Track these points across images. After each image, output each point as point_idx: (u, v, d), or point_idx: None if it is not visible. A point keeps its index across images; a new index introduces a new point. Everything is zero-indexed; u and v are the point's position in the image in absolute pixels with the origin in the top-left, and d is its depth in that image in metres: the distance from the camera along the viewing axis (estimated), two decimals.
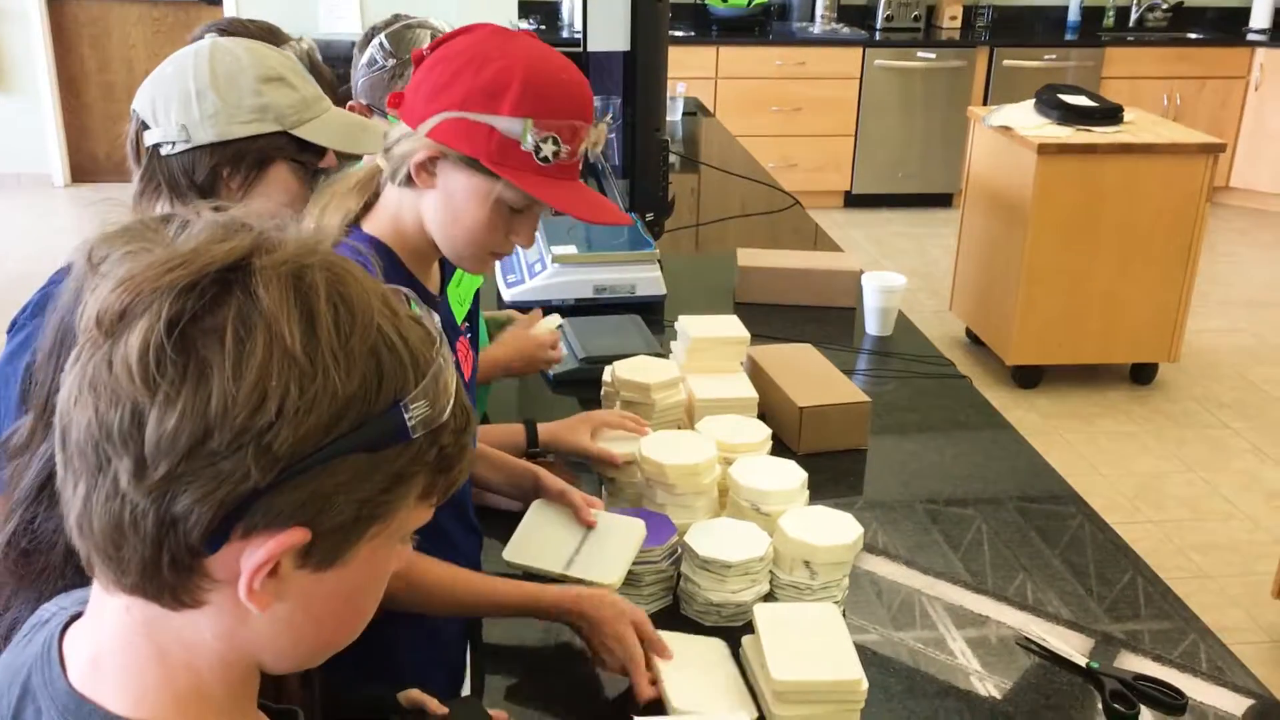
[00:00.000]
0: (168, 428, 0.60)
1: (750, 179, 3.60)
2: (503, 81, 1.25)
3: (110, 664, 0.68)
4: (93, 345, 0.63)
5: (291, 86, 1.39)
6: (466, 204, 1.31)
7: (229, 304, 0.62)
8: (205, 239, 0.65)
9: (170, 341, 0.60)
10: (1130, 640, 1.54)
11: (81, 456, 0.63)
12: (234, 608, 0.65)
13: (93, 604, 0.71)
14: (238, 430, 0.60)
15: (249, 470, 0.61)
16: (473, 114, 1.25)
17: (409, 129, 1.30)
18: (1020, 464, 1.99)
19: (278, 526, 0.63)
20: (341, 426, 0.62)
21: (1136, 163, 4.14)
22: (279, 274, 0.63)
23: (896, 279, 2.46)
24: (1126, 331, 4.38)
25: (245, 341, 0.61)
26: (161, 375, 0.60)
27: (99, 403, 0.61)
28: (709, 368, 2.02)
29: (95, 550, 0.64)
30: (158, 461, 0.60)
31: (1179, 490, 3.84)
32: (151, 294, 0.61)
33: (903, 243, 6.21)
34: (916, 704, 1.41)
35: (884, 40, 6.50)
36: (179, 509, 0.61)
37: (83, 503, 0.63)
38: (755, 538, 1.54)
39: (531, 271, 2.51)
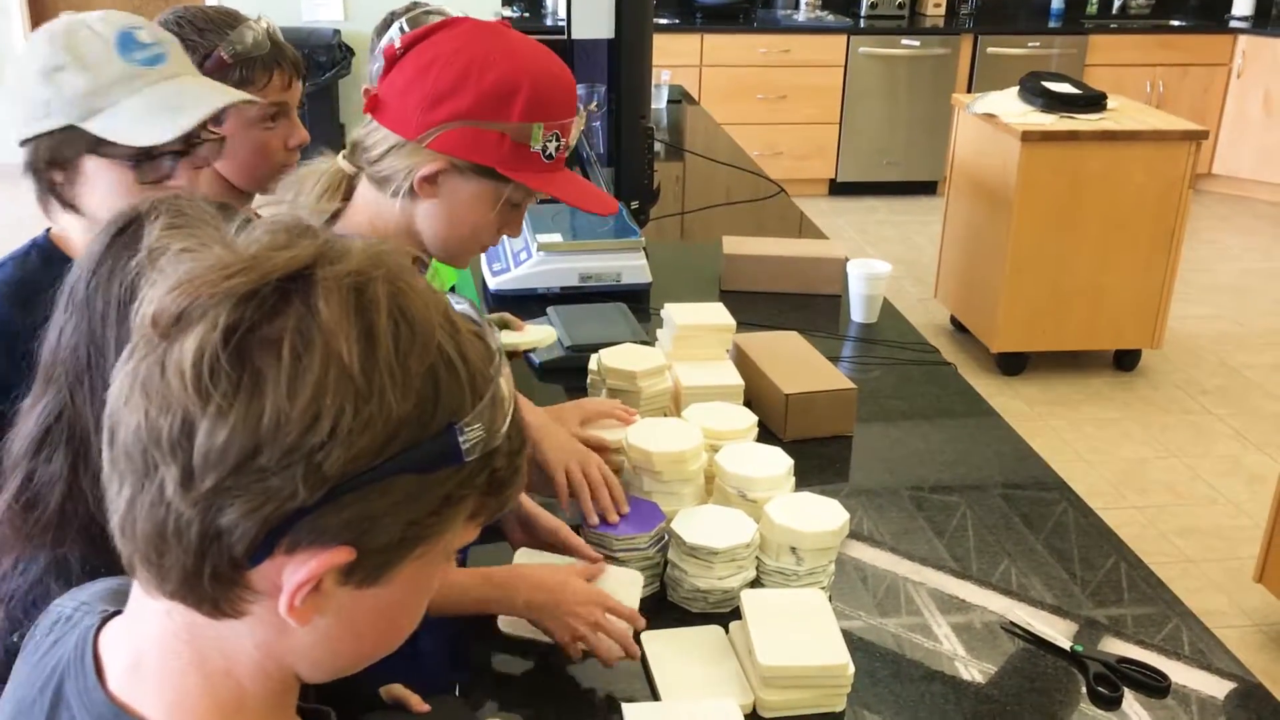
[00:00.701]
0: (218, 440, 0.58)
1: (735, 167, 3.60)
2: (511, 86, 1.23)
3: (150, 669, 0.67)
4: (147, 345, 0.61)
5: (81, 72, 1.30)
6: (471, 209, 1.29)
7: (288, 315, 0.60)
8: (267, 243, 0.63)
9: (226, 351, 0.59)
10: (1114, 625, 1.55)
11: (128, 459, 0.61)
12: (274, 619, 0.64)
13: (133, 605, 0.70)
14: (288, 448, 0.59)
15: (297, 488, 0.59)
16: (482, 122, 1.23)
17: (400, 139, 1.25)
18: (1005, 450, 2.00)
19: (323, 544, 0.61)
20: (393, 447, 0.61)
21: (1119, 150, 4.16)
22: (340, 286, 0.61)
23: (882, 266, 2.46)
24: (1110, 318, 4.40)
25: (302, 357, 0.59)
26: (215, 386, 0.58)
27: (149, 407, 0.60)
28: (695, 355, 2.02)
29: (137, 554, 0.63)
30: (205, 473, 0.59)
31: (1162, 475, 3.87)
32: (210, 299, 0.60)
33: (887, 230, 6.22)
34: (902, 688, 1.42)
35: (868, 28, 6.50)
36: (224, 522, 0.60)
37: (127, 505, 0.62)
38: (742, 524, 1.54)
39: (517, 260, 2.51)
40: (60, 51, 1.31)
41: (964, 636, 1.52)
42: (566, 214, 2.68)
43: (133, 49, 1.33)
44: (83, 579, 0.95)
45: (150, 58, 1.34)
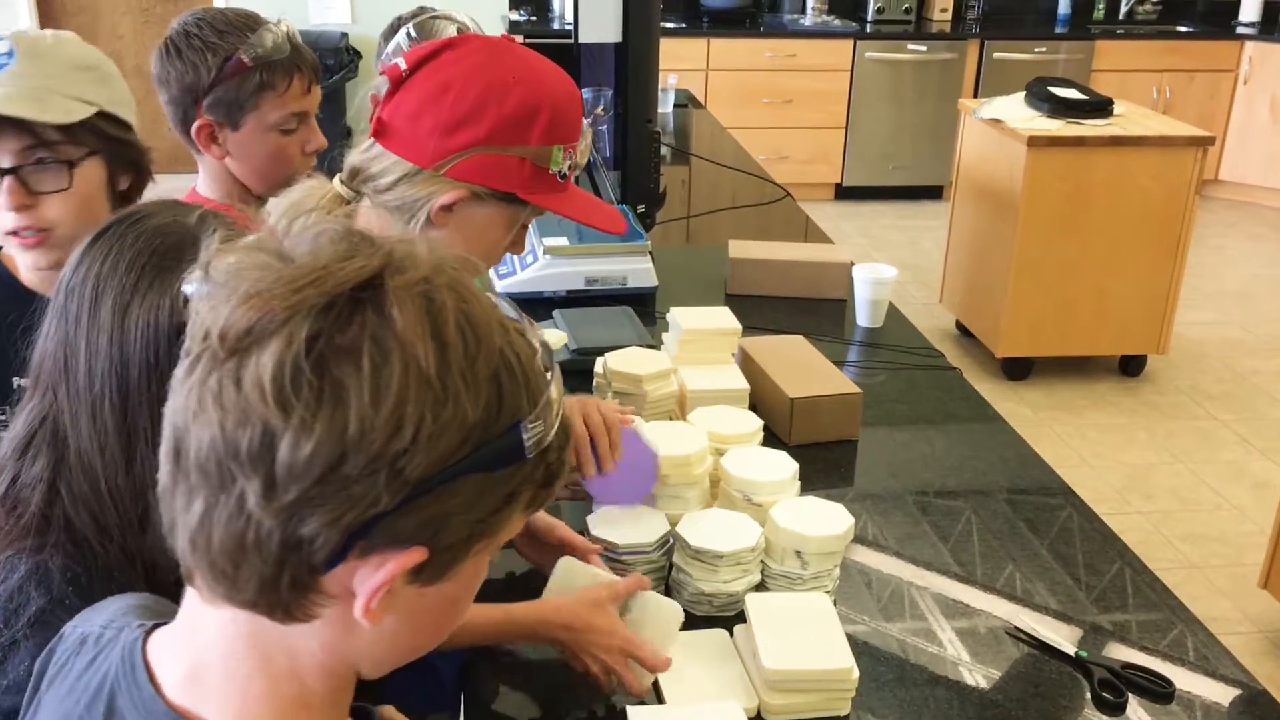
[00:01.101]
0: (302, 452, 0.59)
1: (741, 171, 3.60)
2: (531, 109, 1.21)
3: (213, 676, 0.67)
4: (212, 360, 0.61)
5: None
6: (485, 233, 1.26)
7: (364, 325, 0.60)
8: (332, 254, 0.63)
9: (306, 363, 0.59)
10: (1118, 630, 1.55)
11: (201, 473, 0.61)
12: (342, 621, 0.65)
13: (186, 615, 0.70)
14: (373, 456, 0.59)
15: (380, 495, 0.60)
16: (503, 147, 1.20)
17: (413, 166, 1.21)
18: (1009, 455, 2.00)
19: (397, 547, 0.62)
20: (465, 449, 0.62)
21: (1126, 155, 4.15)
22: (411, 295, 0.62)
23: (887, 271, 2.47)
24: (1115, 324, 4.40)
25: (382, 366, 0.60)
26: (297, 398, 0.59)
27: (225, 420, 0.59)
28: (700, 359, 2.02)
29: (208, 566, 0.63)
30: (289, 484, 0.59)
31: (1167, 481, 3.86)
32: (284, 312, 0.60)
33: (893, 235, 6.22)
34: (907, 693, 1.42)
35: (875, 32, 6.50)
36: (305, 531, 0.60)
37: (199, 520, 0.62)
38: (747, 528, 1.54)
39: (523, 263, 2.51)
40: None
41: (968, 641, 1.52)
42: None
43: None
44: (63, 587, 0.96)
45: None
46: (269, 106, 1.69)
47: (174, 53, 1.68)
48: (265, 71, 1.68)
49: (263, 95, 1.68)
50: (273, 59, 1.68)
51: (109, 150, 1.38)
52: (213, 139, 1.71)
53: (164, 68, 1.69)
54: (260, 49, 1.67)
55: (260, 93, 1.68)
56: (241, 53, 1.66)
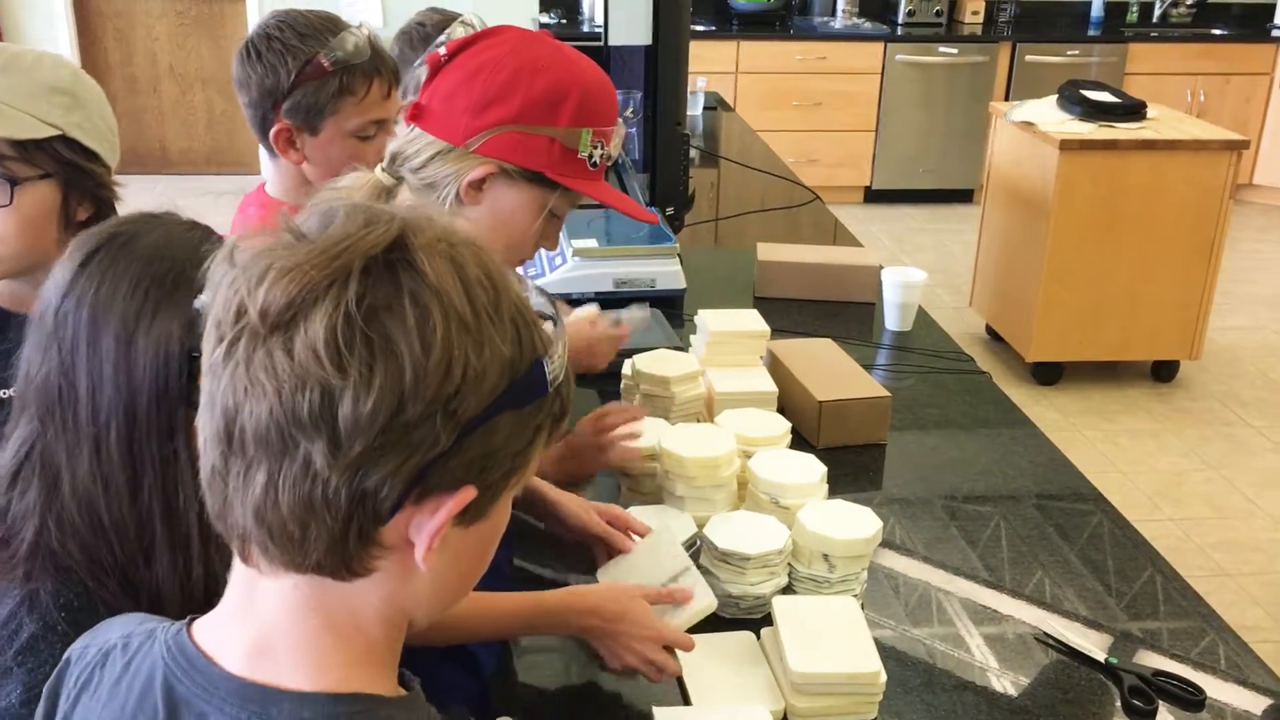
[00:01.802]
0: (365, 406, 0.62)
1: (770, 174, 3.60)
2: (560, 91, 1.24)
3: (282, 644, 0.70)
4: (253, 337, 0.63)
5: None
6: (515, 216, 1.29)
7: (400, 281, 0.64)
8: (350, 226, 0.66)
9: (356, 324, 0.62)
10: (1149, 638, 1.54)
11: (261, 444, 0.64)
12: (399, 570, 0.69)
13: (239, 594, 0.72)
14: (429, 400, 0.63)
15: (439, 436, 0.64)
16: (532, 126, 1.23)
17: (446, 144, 1.25)
18: (1040, 461, 1.99)
19: (448, 489, 0.66)
20: (502, 386, 0.67)
21: (1159, 159, 4.12)
22: (436, 250, 0.66)
23: (917, 274, 2.46)
24: (1148, 329, 4.36)
25: (425, 316, 0.64)
26: (352, 356, 0.62)
27: (282, 389, 0.62)
28: (729, 361, 2.02)
29: (275, 534, 0.66)
30: (354, 439, 0.63)
31: (1199, 488, 3.82)
32: (324, 280, 0.63)
33: (922, 238, 6.19)
34: (935, 698, 1.41)
35: (905, 35, 6.48)
36: (370, 483, 0.64)
37: (264, 490, 0.64)
38: (774, 531, 1.54)
39: (552, 265, 2.52)
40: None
41: (996, 647, 1.51)
42: (602, 220, 2.69)
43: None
44: (54, 613, 0.94)
45: None
46: (348, 112, 1.66)
47: (254, 55, 1.65)
48: (345, 76, 1.64)
49: (342, 100, 1.64)
50: (352, 63, 1.65)
51: (65, 175, 1.32)
52: (290, 143, 1.68)
53: (244, 71, 1.66)
54: (340, 52, 1.64)
55: (339, 98, 1.64)
56: (321, 56, 1.62)
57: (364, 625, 0.71)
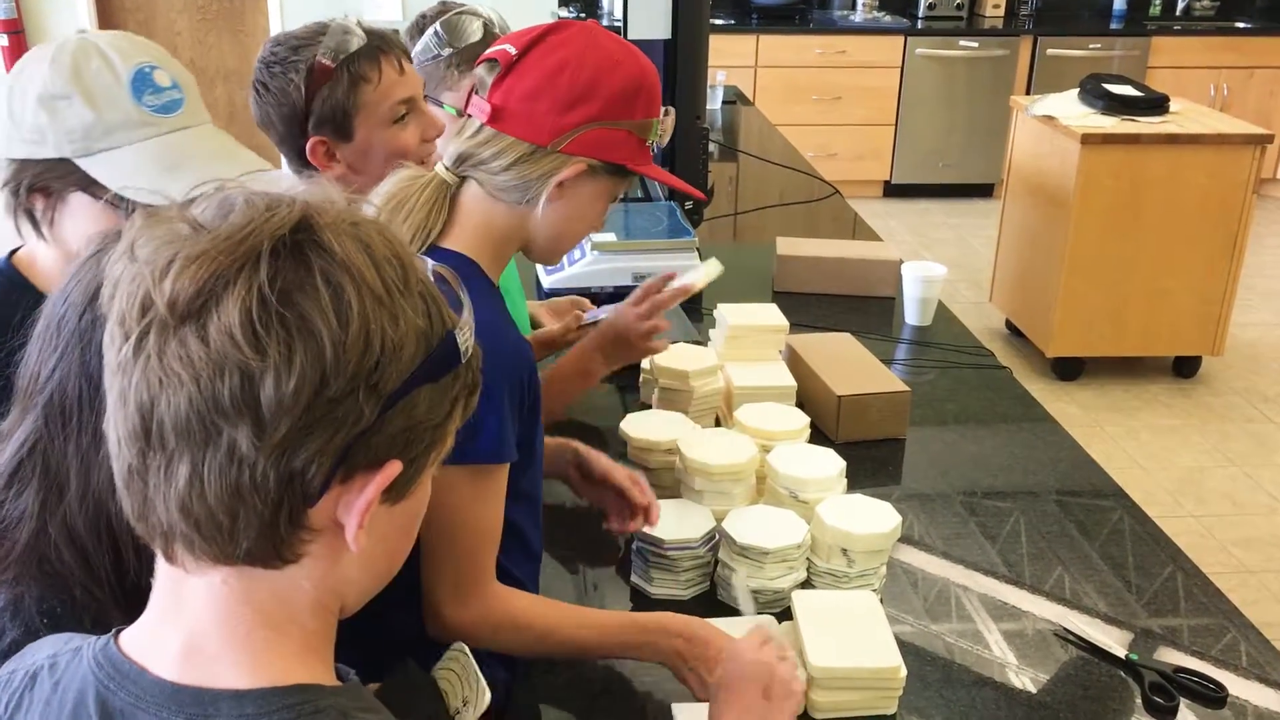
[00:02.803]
0: (287, 386, 0.62)
1: (789, 168, 3.59)
2: (634, 84, 1.27)
3: (213, 643, 0.69)
4: (163, 329, 0.63)
5: (88, 107, 1.20)
6: (590, 206, 1.32)
7: (309, 261, 0.64)
8: (251, 213, 0.66)
9: (270, 305, 0.62)
10: (1170, 635, 1.53)
11: (182, 435, 0.63)
12: (328, 553, 0.69)
13: (164, 597, 0.71)
14: (351, 374, 0.64)
15: (362, 411, 0.65)
16: (614, 121, 1.27)
17: (531, 145, 1.26)
18: (1060, 456, 1.98)
19: (373, 465, 0.67)
20: (419, 358, 0.67)
21: (1182, 153, 4.09)
22: (342, 228, 0.67)
23: (937, 269, 2.45)
24: (1169, 324, 4.33)
25: (340, 292, 0.64)
26: (270, 337, 0.62)
27: (199, 378, 0.62)
28: (747, 356, 2.02)
29: (203, 526, 0.65)
30: (279, 420, 0.63)
31: (1221, 485, 3.80)
32: (232, 265, 0.63)
33: (942, 233, 6.17)
34: (954, 693, 1.41)
35: (926, 29, 6.45)
36: (298, 463, 0.64)
37: (188, 481, 0.64)
38: (793, 525, 1.54)
39: (570, 259, 2.52)
40: (67, 80, 1.20)
41: (1016, 643, 1.51)
42: (620, 214, 2.69)
43: (147, 90, 1.23)
44: (36, 619, 0.91)
45: (165, 105, 1.24)
46: (373, 102, 1.61)
47: (263, 90, 1.61)
48: (351, 66, 1.60)
49: (360, 90, 1.60)
50: (351, 50, 1.61)
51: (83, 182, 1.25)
52: (330, 156, 1.63)
53: (261, 109, 1.63)
54: (336, 47, 1.60)
55: (355, 88, 1.60)
56: (320, 57, 1.58)
57: (297, 614, 0.70)
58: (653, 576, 1.55)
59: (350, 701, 0.71)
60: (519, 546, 1.39)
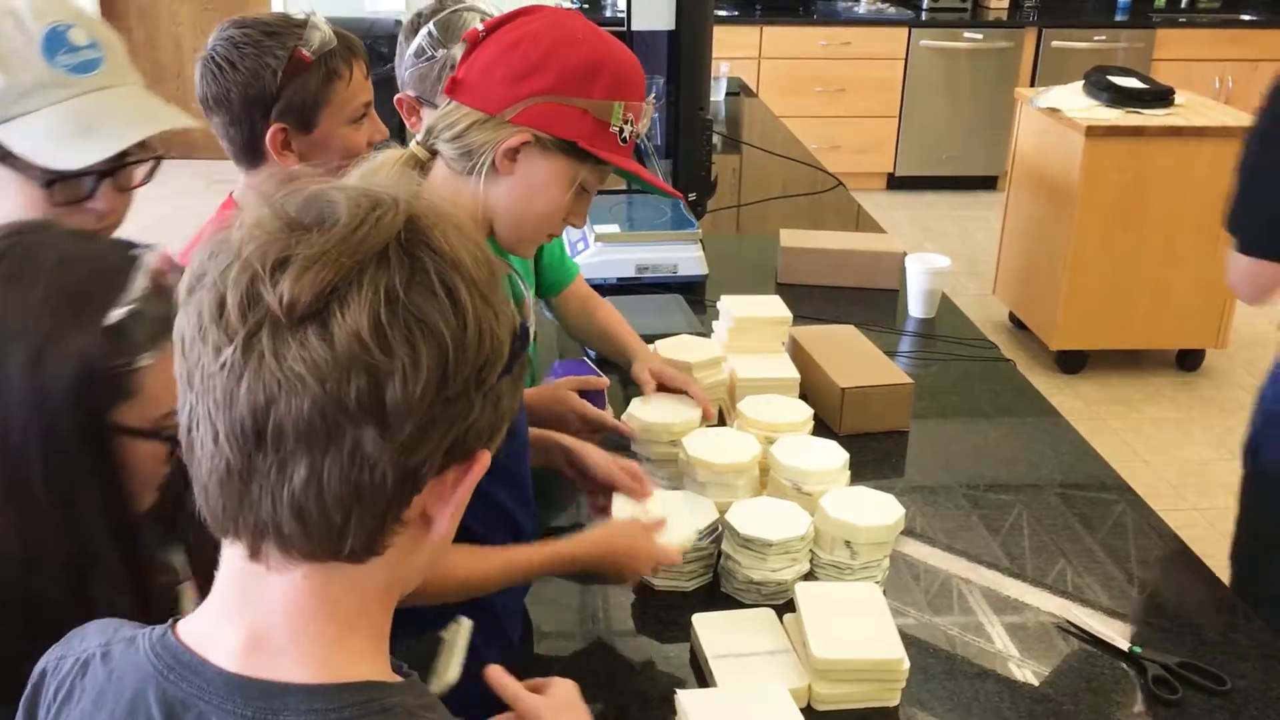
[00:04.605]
0: (415, 387, 0.63)
1: (793, 159, 3.58)
2: (595, 64, 1.27)
3: (281, 637, 0.69)
4: (276, 329, 0.62)
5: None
6: (547, 188, 1.31)
7: (423, 261, 0.65)
8: (361, 214, 0.65)
9: (397, 307, 0.63)
10: (1173, 627, 1.53)
11: (303, 436, 0.63)
12: (409, 544, 0.70)
13: (227, 595, 0.71)
14: (467, 373, 0.65)
15: (472, 406, 0.66)
16: (566, 98, 1.26)
17: (482, 114, 1.27)
18: (1063, 449, 1.98)
19: (465, 457, 0.68)
20: (509, 351, 0.69)
21: (1187, 146, 4.08)
22: (444, 228, 0.67)
23: (941, 260, 2.45)
24: (1173, 317, 4.33)
25: (454, 290, 0.65)
26: (396, 338, 0.63)
27: (324, 380, 0.62)
28: (751, 347, 2.02)
29: (311, 525, 0.65)
30: (403, 420, 0.63)
31: (1225, 478, 3.79)
32: (354, 267, 0.63)
33: (946, 225, 6.15)
34: (957, 685, 1.41)
35: (930, 20, 6.43)
36: (415, 460, 0.65)
37: (304, 481, 0.64)
38: (796, 517, 1.54)
39: (574, 250, 2.52)
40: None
41: (1018, 636, 1.51)
42: (624, 206, 2.69)
43: (60, 50, 1.15)
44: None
45: (81, 63, 1.16)
46: (341, 99, 1.64)
47: (228, 67, 1.59)
48: (328, 61, 1.62)
49: (332, 87, 1.62)
50: (329, 48, 1.63)
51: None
52: (286, 145, 1.63)
53: (220, 85, 1.60)
54: (315, 41, 1.61)
55: (329, 85, 1.62)
56: (300, 49, 1.59)
57: (367, 606, 0.71)
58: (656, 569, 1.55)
59: (414, 699, 0.71)
60: (502, 523, 1.39)
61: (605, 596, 1.57)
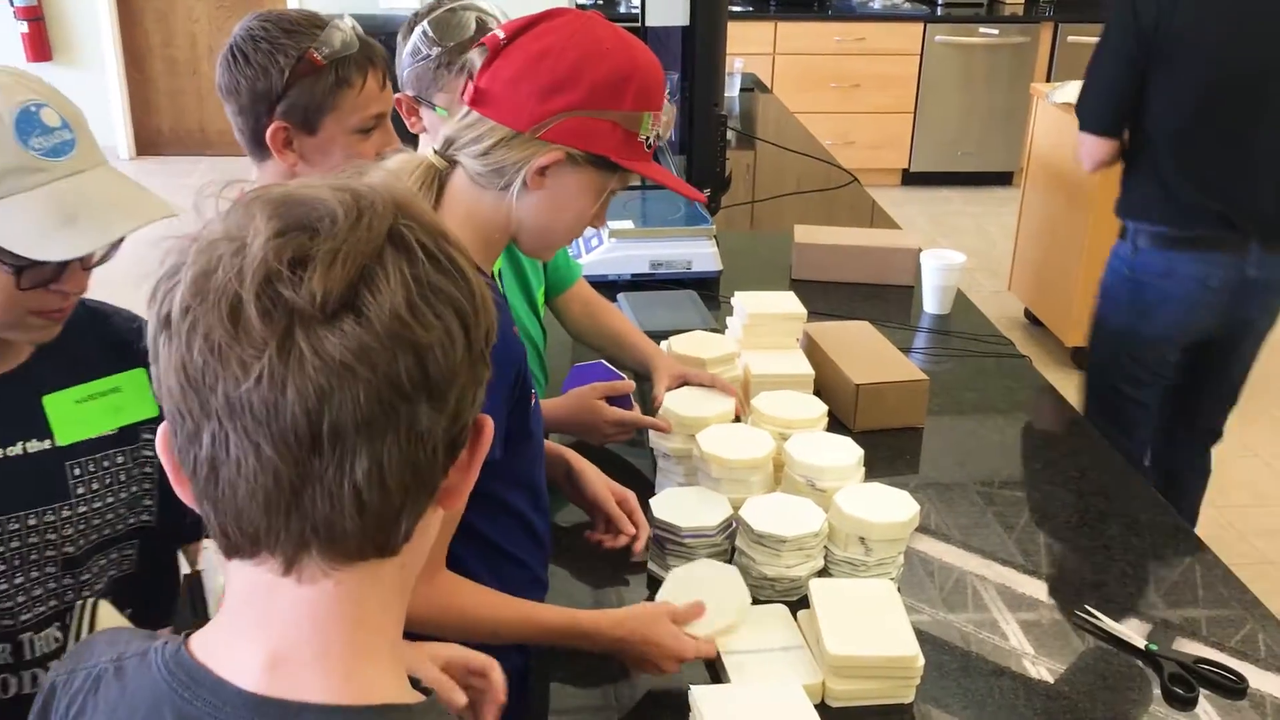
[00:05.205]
0: (455, 354, 0.65)
1: (807, 155, 3.57)
2: (623, 75, 1.24)
3: (303, 654, 0.67)
4: (309, 326, 0.61)
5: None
6: (576, 200, 1.28)
7: (421, 238, 0.67)
8: (359, 206, 0.65)
9: (424, 279, 0.65)
10: (1188, 625, 1.52)
11: (361, 428, 0.62)
12: (423, 526, 0.70)
13: (245, 610, 0.68)
14: (480, 335, 0.68)
15: (488, 365, 0.70)
16: (596, 111, 1.23)
17: (511, 131, 1.24)
18: (1079, 446, 1.97)
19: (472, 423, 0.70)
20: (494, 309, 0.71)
21: None
22: (421, 208, 0.69)
23: (956, 256, 2.44)
24: None
25: (454, 260, 0.67)
26: (430, 311, 0.64)
27: (375, 366, 0.62)
28: (765, 344, 2.02)
29: (369, 518, 0.64)
30: (448, 388, 0.65)
31: (1242, 475, 3.77)
32: (372, 255, 0.64)
33: (961, 221, 6.13)
34: (971, 682, 1.41)
35: (945, 16, 6.40)
36: (458, 428, 0.67)
37: (366, 473, 0.63)
38: (810, 513, 1.54)
39: (588, 246, 2.52)
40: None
41: (1033, 633, 1.50)
42: (638, 201, 2.69)
43: (33, 132, 1.09)
44: None
45: (54, 147, 1.11)
46: (348, 107, 1.61)
47: (241, 59, 1.60)
48: (340, 68, 1.60)
49: (341, 94, 1.60)
50: (344, 55, 1.60)
51: None
52: (287, 143, 1.62)
53: (232, 76, 1.61)
54: (331, 46, 1.59)
55: (337, 91, 1.60)
56: (313, 51, 1.58)
57: (391, 605, 0.70)
58: (670, 564, 1.55)
59: (437, 718, 0.70)
60: (524, 534, 1.40)
61: (619, 593, 1.57)
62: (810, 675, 1.35)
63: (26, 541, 1.22)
